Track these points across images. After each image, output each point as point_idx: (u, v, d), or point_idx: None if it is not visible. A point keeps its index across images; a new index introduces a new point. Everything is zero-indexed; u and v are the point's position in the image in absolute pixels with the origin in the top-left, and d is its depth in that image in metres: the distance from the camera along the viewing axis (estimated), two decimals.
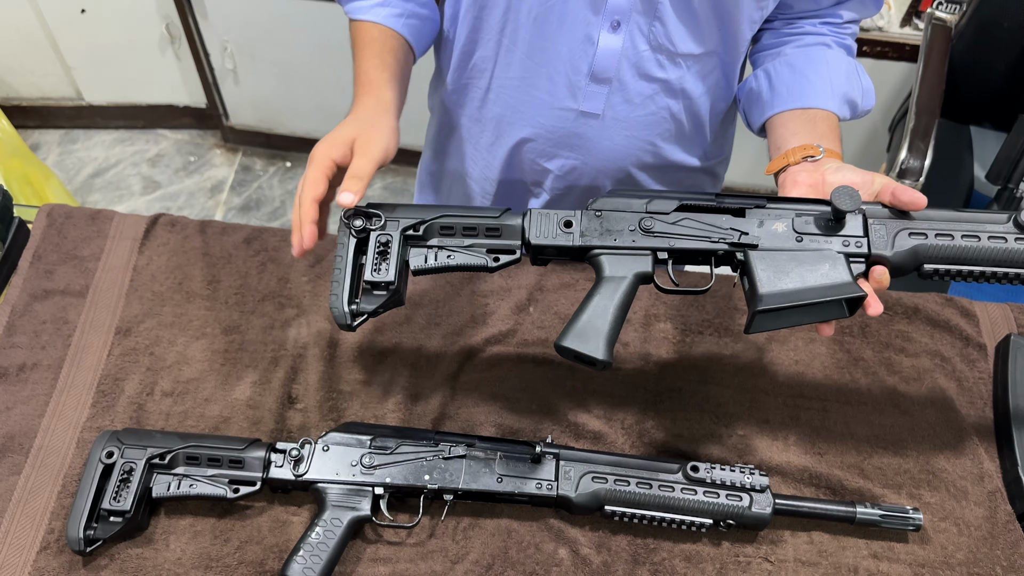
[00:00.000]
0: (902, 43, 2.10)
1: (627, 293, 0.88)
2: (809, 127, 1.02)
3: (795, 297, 0.83)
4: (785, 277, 0.85)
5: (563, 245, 0.90)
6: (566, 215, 0.91)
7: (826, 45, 1.09)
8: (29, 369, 1.08)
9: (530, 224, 0.91)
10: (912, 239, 0.86)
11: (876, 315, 0.84)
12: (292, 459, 0.97)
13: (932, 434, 1.09)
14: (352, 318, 0.89)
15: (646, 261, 0.89)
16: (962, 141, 1.83)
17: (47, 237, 1.20)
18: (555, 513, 1.00)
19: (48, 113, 2.75)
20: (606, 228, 0.90)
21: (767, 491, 0.97)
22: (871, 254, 0.86)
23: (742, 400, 1.11)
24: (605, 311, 0.87)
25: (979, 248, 0.85)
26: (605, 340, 0.86)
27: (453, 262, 0.92)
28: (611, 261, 0.89)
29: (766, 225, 0.88)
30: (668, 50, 1.04)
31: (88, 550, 0.92)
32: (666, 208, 0.90)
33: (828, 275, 0.84)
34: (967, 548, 1.01)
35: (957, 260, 0.86)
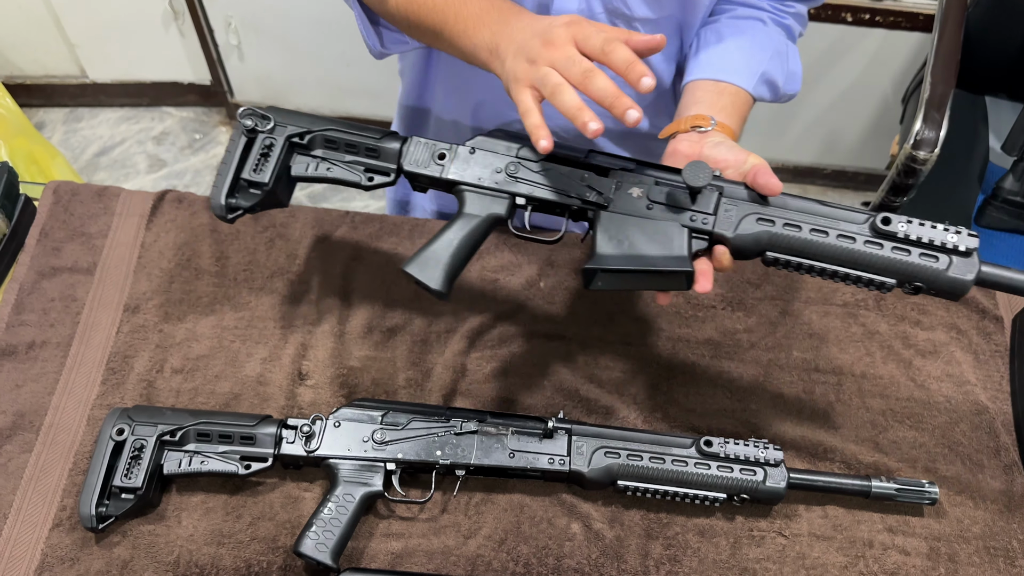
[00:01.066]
0: (915, 13, 2.07)
1: (478, 231, 0.90)
2: (713, 98, 1.00)
3: (626, 262, 0.85)
4: (623, 241, 0.86)
5: (432, 176, 0.93)
6: (443, 148, 0.93)
7: (760, 21, 1.06)
8: (38, 347, 1.08)
9: (407, 151, 0.94)
10: (759, 224, 0.85)
11: (703, 292, 0.84)
12: (304, 435, 0.96)
13: (948, 407, 1.08)
14: (227, 211, 0.93)
15: (503, 204, 0.91)
16: (977, 112, 1.80)
17: (54, 214, 1.19)
18: (567, 488, 1.00)
19: (52, 91, 2.73)
20: (475, 167, 0.92)
21: (781, 465, 0.96)
22: (714, 233, 0.86)
23: (755, 374, 1.10)
24: (451, 244, 0.89)
25: (824, 244, 0.83)
26: (444, 271, 0.88)
27: (331, 175, 0.95)
28: (472, 198, 0.91)
29: (623, 188, 0.89)
30: (624, 14, 1.02)
31: (100, 527, 0.92)
32: (535, 156, 0.91)
33: (664, 246, 0.85)
34: (983, 522, 1.00)
35: (800, 253, 0.85)
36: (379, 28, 1.05)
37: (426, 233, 1.20)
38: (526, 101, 0.82)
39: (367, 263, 1.17)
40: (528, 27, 0.85)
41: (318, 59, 2.51)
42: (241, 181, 0.93)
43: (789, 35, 1.09)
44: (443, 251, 0.89)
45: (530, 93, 0.82)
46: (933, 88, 1.52)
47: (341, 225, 1.21)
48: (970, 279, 0.82)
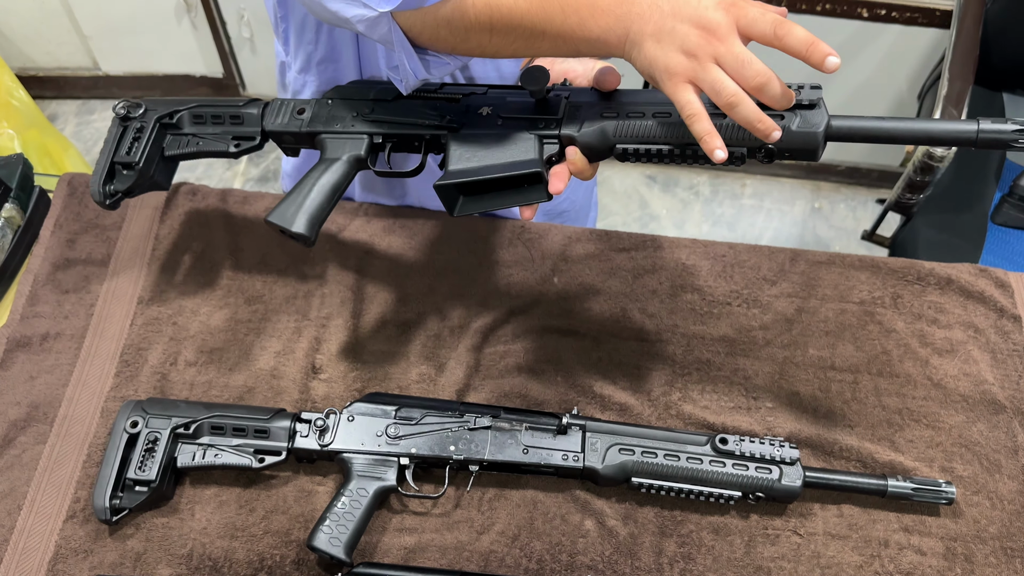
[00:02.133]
0: (932, 8, 2.05)
1: (341, 174, 0.92)
2: None
3: (475, 173, 0.85)
4: (474, 156, 0.87)
5: (293, 131, 0.96)
6: (302, 103, 0.97)
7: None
8: (52, 338, 1.08)
9: (269, 112, 0.98)
10: (603, 120, 0.86)
11: (556, 193, 0.84)
12: (317, 429, 0.96)
13: (965, 407, 1.07)
14: (105, 197, 0.97)
15: (360, 144, 0.93)
16: (995, 108, 1.79)
17: (68, 206, 1.19)
18: (581, 484, 0.99)
19: (65, 83, 2.73)
20: (332, 115, 0.95)
21: (797, 463, 0.96)
22: (561, 135, 0.87)
23: (771, 372, 1.09)
24: (311, 188, 0.91)
25: (667, 125, 0.84)
26: (307, 215, 0.89)
27: (202, 148, 0.99)
28: (331, 144, 0.94)
29: (472, 110, 0.91)
30: None
31: (114, 519, 0.92)
32: (389, 97, 0.95)
33: (513, 154, 0.86)
34: (1000, 522, 0.99)
35: (644, 139, 0.85)
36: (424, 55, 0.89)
37: (440, 228, 1.20)
38: (693, 103, 0.75)
39: (381, 256, 1.17)
40: (662, 5, 0.76)
41: None
42: (116, 166, 0.97)
43: None
44: (304, 196, 0.90)
45: (693, 91, 0.75)
46: (951, 84, 1.51)
47: (355, 217, 1.20)
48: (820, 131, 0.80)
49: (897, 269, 1.19)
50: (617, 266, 1.18)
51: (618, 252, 1.19)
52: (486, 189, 0.86)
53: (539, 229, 1.21)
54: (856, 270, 1.19)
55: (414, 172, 0.95)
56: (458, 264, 1.17)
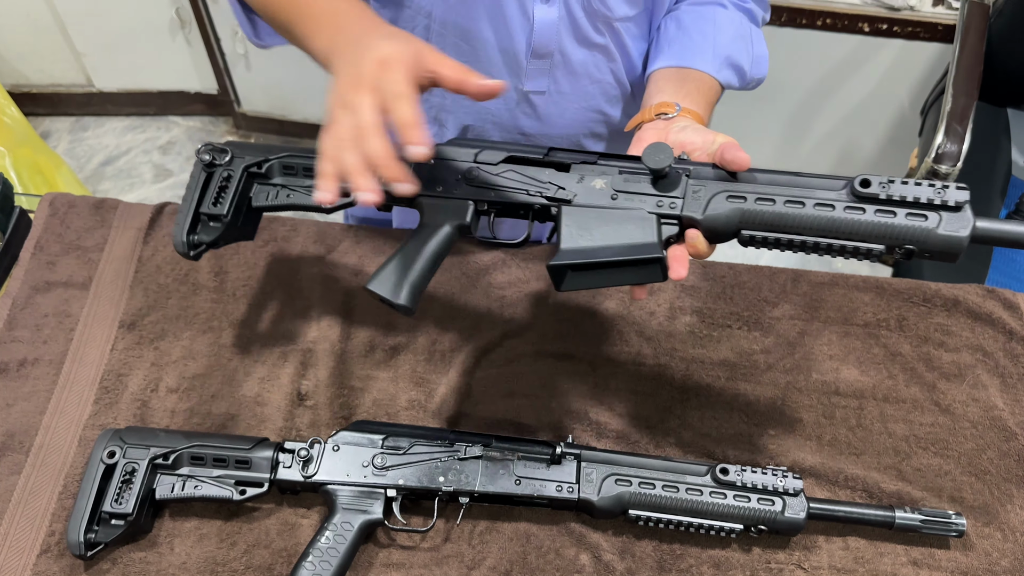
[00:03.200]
0: (934, 23, 2.02)
1: (441, 241, 0.87)
2: (676, 85, 0.97)
3: (592, 255, 0.80)
4: (588, 234, 0.82)
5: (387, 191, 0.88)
6: None
7: (721, 5, 1.05)
8: (30, 364, 1.04)
9: None
10: (730, 202, 0.81)
11: (678, 278, 0.80)
12: (301, 459, 0.92)
13: (975, 433, 1.04)
14: (189, 248, 0.91)
15: (464, 210, 0.87)
16: (999, 124, 1.76)
17: (49, 227, 1.16)
18: (576, 517, 0.96)
19: (58, 100, 2.72)
20: (432, 176, 0.88)
21: (801, 495, 0.92)
22: (683, 216, 0.82)
23: (773, 397, 1.06)
24: (414, 256, 0.85)
25: (801, 215, 0.79)
26: (409, 285, 0.84)
27: (292, 201, 0.93)
28: (431, 208, 0.88)
29: (586, 181, 0.85)
30: (604, 15, 1.01)
31: (89, 554, 0.89)
32: (493, 159, 0.88)
33: (632, 235, 0.81)
34: (1012, 555, 0.95)
35: (777, 227, 0.80)
36: (254, 17, 1.00)
37: None
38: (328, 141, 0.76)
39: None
40: (355, 45, 0.79)
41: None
42: (201, 216, 0.91)
43: (752, 20, 1.07)
44: (406, 265, 0.85)
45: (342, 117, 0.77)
46: (955, 100, 1.48)
47: (344, 239, 1.17)
48: (964, 235, 0.76)
49: (902, 290, 1.15)
50: (614, 288, 1.14)
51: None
52: (599, 267, 0.81)
53: (534, 251, 1.18)
54: (860, 291, 1.15)
55: (521, 243, 0.91)
56: (449, 286, 1.14)
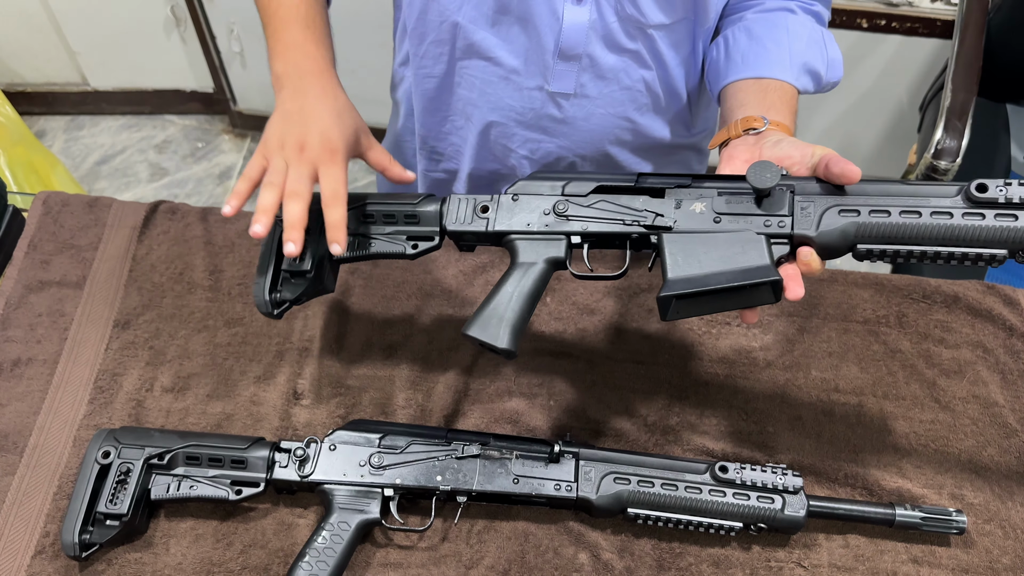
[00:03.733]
0: (933, 19, 2.02)
1: (538, 279, 0.85)
2: (759, 97, 0.95)
3: (703, 282, 0.77)
4: (696, 261, 0.79)
5: (478, 231, 0.88)
6: (483, 200, 0.88)
7: (790, 11, 1.02)
8: (24, 364, 1.04)
9: (447, 210, 0.89)
10: (843, 216, 0.78)
11: (796, 299, 0.77)
12: (297, 459, 0.92)
13: (975, 430, 1.03)
14: (274, 306, 0.88)
15: (559, 246, 0.85)
16: (998, 120, 1.75)
17: (43, 226, 1.15)
18: (574, 516, 0.95)
19: (53, 99, 2.70)
20: (521, 211, 0.87)
21: (800, 492, 0.91)
22: (795, 234, 0.78)
23: (772, 395, 1.05)
24: (511, 298, 0.83)
25: (920, 225, 0.76)
26: (510, 328, 0.82)
27: (374, 250, 0.91)
28: (524, 246, 0.86)
29: (684, 206, 0.82)
30: (637, 20, 0.98)
31: (84, 555, 0.88)
32: (582, 191, 0.86)
33: (742, 258, 0.78)
34: (1014, 552, 0.95)
35: (894, 239, 0.77)
36: None
37: None
38: (253, 167, 0.84)
39: (366, 277, 1.13)
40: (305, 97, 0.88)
41: None
42: (284, 273, 0.89)
43: (819, 22, 1.04)
44: (504, 307, 0.83)
45: (262, 164, 0.84)
46: (954, 96, 1.47)
47: None
48: None
49: (902, 287, 1.15)
50: (612, 285, 1.14)
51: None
52: (709, 293, 0.78)
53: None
54: (859, 288, 1.15)
55: (620, 275, 0.87)
56: (447, 284, 1.13)
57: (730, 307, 0.79)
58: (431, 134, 1.16)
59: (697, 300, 0.78)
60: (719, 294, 0.77)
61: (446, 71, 1.07)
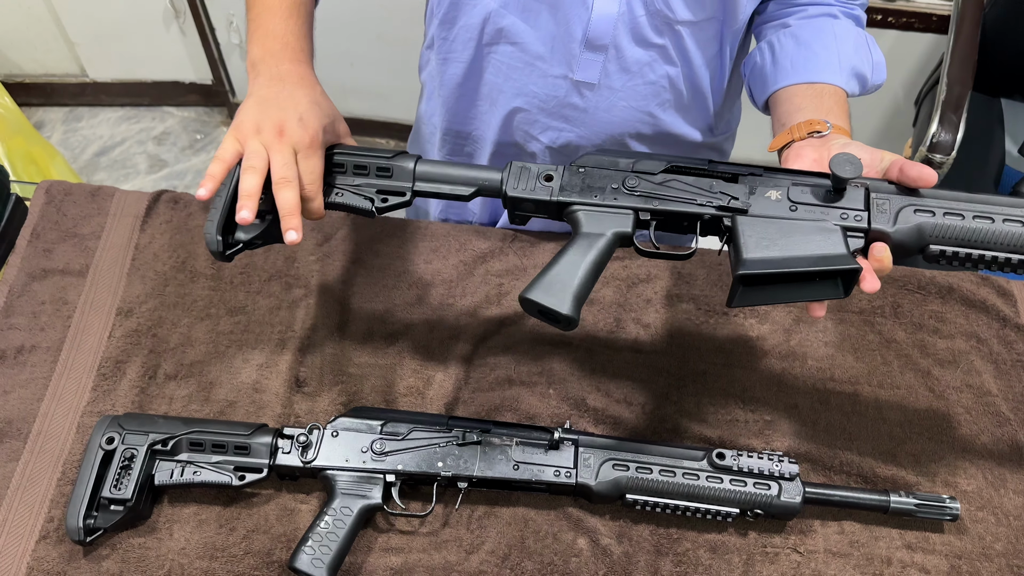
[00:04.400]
0: (929, 13, 2.03)
1: (603, 251, 0.83)
2: (815, 102, 0.96)
3: (782, 264, 0.77)
4: (773, 245, 0.78)
5: (540, 199, 0.85)
6: (547, 169, 0.86)
7: (832, 16, 1.03)
8: (27, 351, 1.04)
9: (508, 176, 0.87)
10: (918, 216, 0.79)
11: (872, 291, 0.77)
12: (300, 445, 0.93)
13: (968, 419, 1.05)
14: (225, 247, 0.86)
15: (627, 220, 0.83)
16: (993, 115, 1.77)
17: (46, 215, 1.16)
18: (574, 502, 0.96)
19: (52, 90, 2.70)
20: (587, 185, 0.85)
21: (796, 479, 0.93)
22: (871, 229, 0.79)
23: (769, 384, 1.06)
24: (576, 266, 0.81)
25: (993, 230, 0.77)
26: (573, 296, 0.79)
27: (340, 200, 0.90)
28: (589, 217, 0.84)
29: (758, 192, 0.82)
30: (665, 15, 0.99)
31: (88, 540, 0.89)
32: (654, 168, 0.85)
33: (820, 246, 0.78)
34: (1006, 539, 0.96)
35: (967, 242, 0.78)
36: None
37: (429, 236, 1.17)
38: (227, 150, 0.86)
39: (368, 266, 1.14)
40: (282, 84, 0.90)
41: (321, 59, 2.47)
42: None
43: (859, 25, 1.05)
44: (568, 275, 0.80)
45: (235, 147, 0.86)
46: (950, 90, 1.49)
47: (341, 227, 1.17)
48: None
49: (897, 278, 1.16)
50: (611, 275, 1.15)
51: (612, 260, 1.15)
52: (778, 280, 0.77)
53: (531, 238, 1.18)
54: None
55: (689, 255, 0.86)
56: (447, 274, 1.14)
57: (800, 298, 0.79)
58: (456, 118, 1.17)
59: (770, 286, 0.77)
60: (793, 281, 0.77)
61: (474, 56, 1.08)
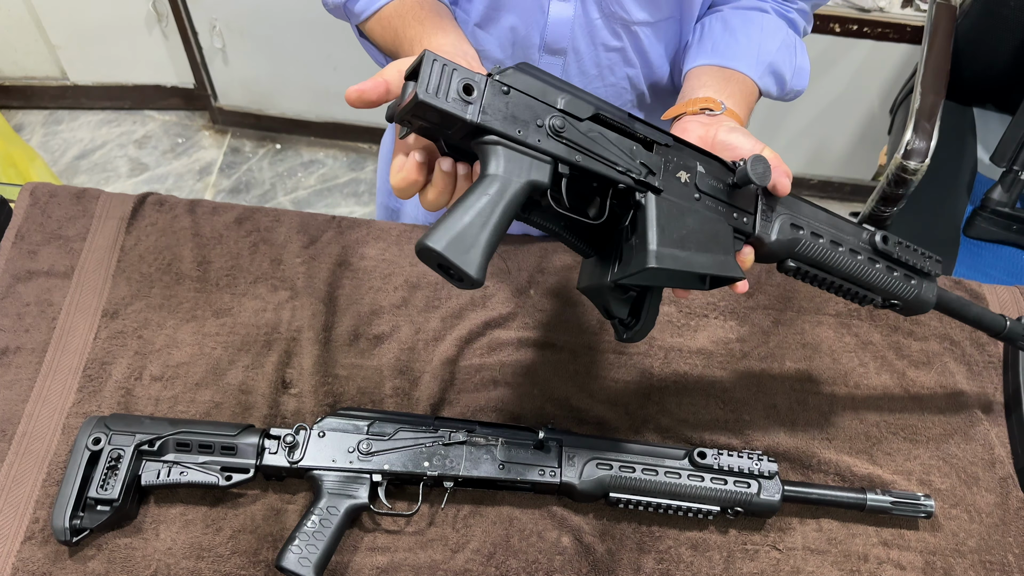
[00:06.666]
0: (903, 24, 2.07)
1: (516, 201, 0.68)
2: (720, 84, 0.96)
3: (685, 263, 0.72)
4: (680, 238, 0.73)
5: (454, 114, 0.66)
6: (468, 77, 0.67)
7: (763, 11, 1.05)
8: (12, 353, 1.04)
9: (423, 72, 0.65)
10: (792, 230, 0.81)
11: (742, 292, 0.79)
12: (287, 445, 0.93)
13: (942, 419, 1.07)
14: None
15: (545, 170, 0.69)
16: (965, 123, 1.81)
17: (30, 216, 1.16)
18: (558, 500, 0.98)
19: (32, 93, 2.68)
20: (512, 113, 0.68)
21: (776, 477, 0.95)
22: (754, 234, 0.79)
23: (748, 385, 1.08)
24: (488, 217, 0.66)
25: (839, 256, 0.82)
26: (482, 253, 0.66)
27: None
28: (508, 156, 0.68)
29: (671, 169, 0.74)
30: (621, 17, 1.00)
31: (74, 540, 0.89)
32: (581, 112, 0.71)
33: (716, 246, 0.75)
34: (978, 535, 0.99)
35: (819, 264, 0.82)
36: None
37: (415, 239, 1.18)
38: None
39: (353, 268, 1.15)
40: None
41: (304, 63, 2.49)
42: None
43: (793, 29, 1.07)
44: (478, 225, 0.66)
45: None
46: (924, 98, 1.52)
47: (327, 230, 1.18)
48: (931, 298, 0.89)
49: None
50: None
51: None
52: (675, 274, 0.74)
53: (516, 241, 1.19)
54: None
55: (599, 223, 0.76)
56: (432, 277, 1.15)
57: (673, 286, 0.78)
58: None
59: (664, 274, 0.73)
60: (686, 275, 0.74)
61: None
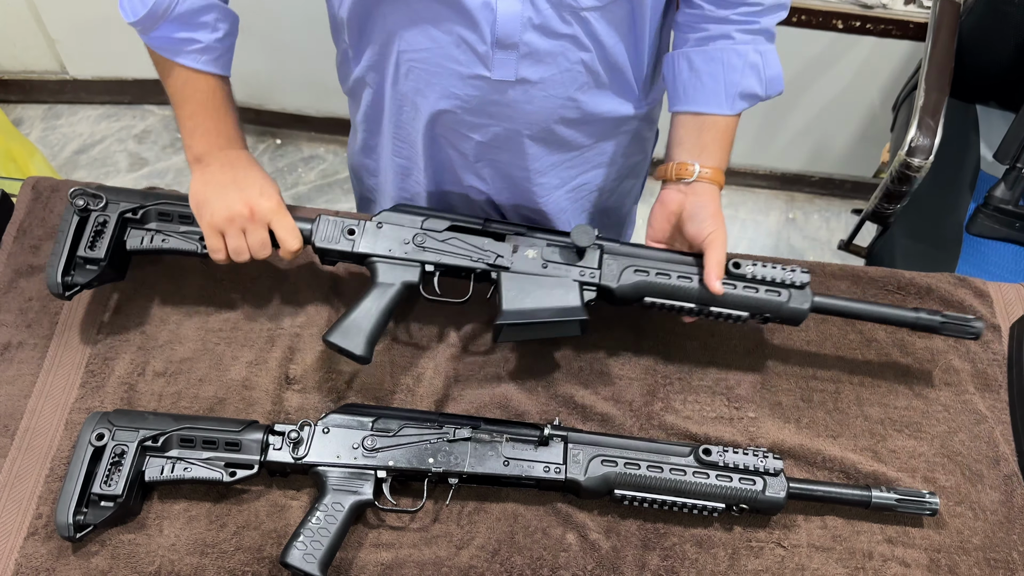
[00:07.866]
0: (906, 21, 2.07)
1: (394, 299, 0.99)
2: (695, 136, 1.06)
3: (531, 315, 0.97)
4: (526, 297, 0.98)
5: (343, 251, 1.01)
6: (350, 224, 1.01)
7: (728, 38, 1.04)
8: (15, 348, 1.04)
9: (316, 229, 1.01)
10: (636, 275, 1.00)
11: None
12: (291, 441, 0.93)
13: (946, 416, 1.07)
14: (64, 288, 0.99)
15: (415, 272, 1.00)
16: (968, 120, 1.80)
17: (32, 211, 1.15)
18: (563, 497, 0.97)
19: (31, 87, 2.67)
20: (384, 238, 1.01)
21: (781, 475, 0.95)
22: (600, 284, 1.00)
23: (753, 382, 1.08)
24: (370, 313, 0.98)
25: (688, 288, 1.00)
26: (366, 338, 0.96)
27: (166, 246, 1.02)
28: (384, 269, 1.00)
29: (520, 251, 1.01)
30: (569, 5, 0.99)
31: (78, 536, 0.89)
32: (438, 227, 1.02)
33: (561, 299, 0.98)
34: (983, 533, 0.99)
35: (672, 296, 1.00)
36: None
37: None
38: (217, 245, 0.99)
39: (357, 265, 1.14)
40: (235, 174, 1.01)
41: (304, 58, 2.48)
42: (77, 259, 0.99)
43: (767, 38, 1.06)
44: (364, 320, 0.97)
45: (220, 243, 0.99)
46: (927, 95, 1.52)
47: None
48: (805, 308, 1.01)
49: (877, 278, 1.18)
50: None
51: None
52: (533, 325, 0.98)
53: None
54: (837, 279, 1.18)
55: (464, 301, 1.03)
56: None
57: (547, 336, 1.00)
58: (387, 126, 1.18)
59: (522, 328, 0.98)
60: (540, 325, 0.98)
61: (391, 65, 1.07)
